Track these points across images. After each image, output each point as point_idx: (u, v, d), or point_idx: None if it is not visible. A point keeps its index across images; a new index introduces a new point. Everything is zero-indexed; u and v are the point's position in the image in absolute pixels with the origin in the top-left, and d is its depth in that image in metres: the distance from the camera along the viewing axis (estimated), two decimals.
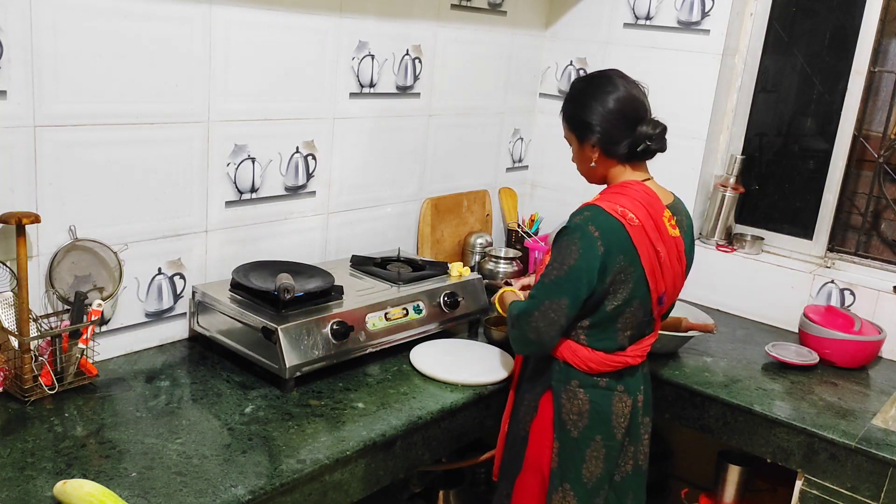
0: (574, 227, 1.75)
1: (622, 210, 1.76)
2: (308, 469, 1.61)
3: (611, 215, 1.75)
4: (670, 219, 1.84)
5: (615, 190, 1.84)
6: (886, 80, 2.62)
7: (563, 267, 1.75)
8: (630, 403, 1.88)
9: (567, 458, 1.85)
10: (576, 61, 3.06)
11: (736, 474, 2.55)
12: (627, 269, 1.76)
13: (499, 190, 3.11)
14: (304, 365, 1.92)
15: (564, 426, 1.85)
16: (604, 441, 1.85)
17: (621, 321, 1.82)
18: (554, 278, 1.76)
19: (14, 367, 1.76)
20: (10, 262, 1.75)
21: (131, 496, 1.46)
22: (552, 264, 1.78)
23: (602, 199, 1.80)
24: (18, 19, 1.67)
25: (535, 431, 1.89)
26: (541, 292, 1.79)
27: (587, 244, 1.73)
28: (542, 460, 1.88)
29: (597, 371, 1.83)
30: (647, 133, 1.81)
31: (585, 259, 1.73)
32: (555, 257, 1.78)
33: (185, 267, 2.12)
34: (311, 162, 2.37)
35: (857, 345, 2.37)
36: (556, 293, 1.76)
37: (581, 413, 1.84)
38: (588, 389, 1.84)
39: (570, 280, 1.74)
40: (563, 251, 1.75)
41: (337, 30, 2.33)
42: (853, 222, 2.74)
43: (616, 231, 1.74)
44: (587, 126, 1.82)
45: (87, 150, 1.85)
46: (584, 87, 1.87)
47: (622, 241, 1.74)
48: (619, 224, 1.74)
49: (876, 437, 1.97)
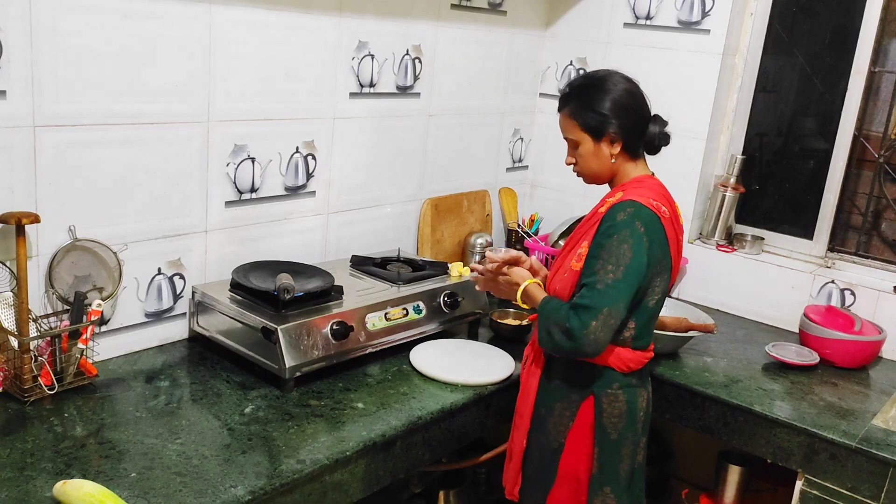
0: (622, 223, 1.70)
1: (656, 203, 1.75)
2: (308, 469, 1.61)
3: (649, 209, 1.73)
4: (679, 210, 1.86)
5: (635, 185, 1.80)
6: (886, 80, 2.62)
7: (619, 269, 1.68)
8: (646, 397, 1.89)
9: (607, 461, 1.82)
10: (576, 61, 3.06)
11: (736, 474, 2.54)
12: (663, 262, 1.76)
13: (499, 190, 3.11)
14: (304, 365, 1.92)
15: (605, 430, 1.81)
16: (632, 438, 1.85)
17: (657, 315, 1.83)
18: (611, 282, 1.68)
19: (14, 367, 1.76)
20: (9, 262, 1.75)
21: (131, 496, 1.46)
22: (604, 266, 1.69)
23: (632, 195, 1.75)
24: (18, 19, 1.67)
25: (572, 440, 1.83)
26: (598, 299, 1.68)
27: (637, 241, 1.69)
28: (580, 468, 1.83)
29: (633, 370, 1.82)
30: (659, 129, 1.83)
31: (638, 258, 1.69)
32: (605, 258, 1.69)
33: (184, 267, 2.12)
34: (311, 162, 2.37)
35: (858, 345, 2.36)
36: (615, 298, 1.68)
37: (621, 415, 1.81)
38: (625, 390, 1.82)
39: (627, 282, 1.68)
40: (615, 251, 1.68)
41: (337, 30, 2.33)
42: (853, 222, 2.74)
43: (656, 225, 1.73)
44: (605, 119, 1.78)
45: (88, 150, 1.85)
46: (590, 83, 1.83)
47: (660, 235, 1.74)
48: (657, 217, 1.73)
49: (876, 438, 1.96)
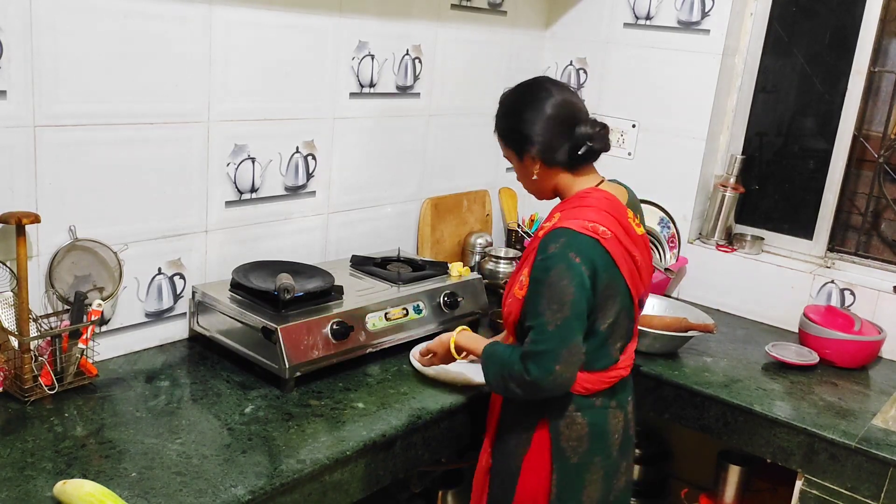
0: (555, 257, 1.63)
1: (592, 225, 1.66)
2: (308, 469, 1.61)
3: (584, 235, 1.64)
4: (633, 218, 1.77)
5: (575, 203, 1.73)
6: (886, 80, 2.62)
7: (564, 307, 1.62)
8: (622, 417, 1.82)
9: (567, 485, 1.76)
10: (576, 61, 3.06)
11: (736, 474, 2.55)
12: (612, 284, 1.68)
13: (499, 190, 3.11)
14: (304, 365, 1.92)
15: (563, 453, 1.76)
16: (602, 462, 1.78)
17: (613, 337, 1.75)
18: (562, 322, 1.62)
19: (14, 367, 1.76)
20: (10, 262, 1.75)
21: (131, 496, 1.46)
22: (549, 306, 1.63)
23: (568, 219, 1.68)
24: (18, 19, 1.67)
25: (529, 463, 1.77)
26: (554, 342, 1.63)
27: (575, 273, 1.62)
28: (538, 490, 1.77)
29: (593, 391, 1.75)
30: (587, 133, 1.72)
31: (580, 289, 1.63)
32: (548, 296, 1.64)
33: (185, 267, 2.12)
34: (311, 162, 2.37)
35: (857, 345, 2.37)
36: (569, 336, 1.63)
37: (581, 437, 1.76)
38: (585, 412, 1.75)
39: (577, 316, 1.63)
40: (555, 288, 1.63)
41: (337, 30, 2.33)
42: (853, 222, 2.74)
43: (594, 250, 1.65)
44: (524, 138, 1.74)
45: (87, 150, 1.85)
46: (515, 99, 1.79)
47: (601, 258, 1.66)
48: (594, 241, 1.65)
49: (876, 437, 1.96)
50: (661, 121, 2.89)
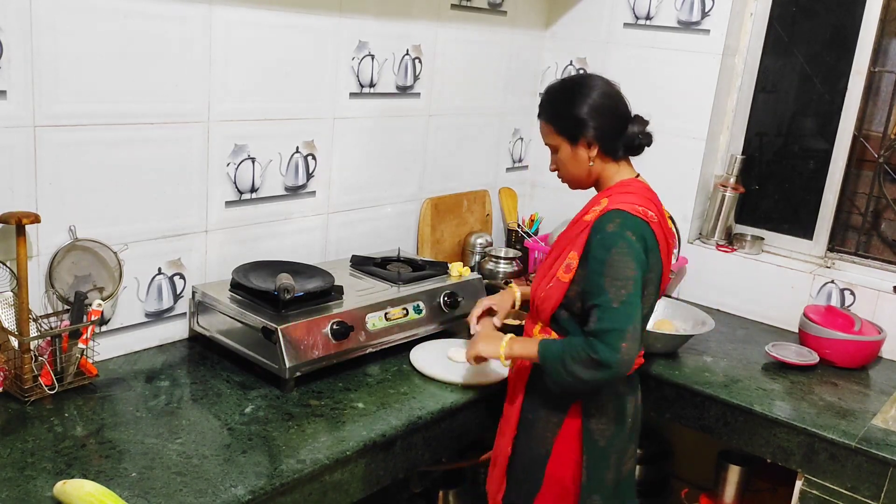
0: (615, 235, 1.67)
1: (642, 209, 1.72)
2: (308, 469, 1.61)
3: (637, 217, 1.70)
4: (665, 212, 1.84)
5: (620, 190, 1.78)
6: (886, 80, 2.62)
7: (627, 283, 1.65)
8: (634, 403, 1.88)
9: (595, 468, 1.81)
10: (576, 61, 3.06)
11: (736, 474, 2.55)
12: (656, 267, 1.75)
13: (499, 190, 3.11)
14: (304, 365, 1.92)
15: (592, 437, 1.80)
16: (619, 445, 1.84)
17: (646, 320, 1.81)
18: (625, 298, 1.64)
19: (14, 367, 1.76)
20: (10, 262, 1.75)
21: (131, 496, 1.46)
22: (613, 283, 1.65)
23: (619, 202, 1.72)
24: (18, 19, 1.67)
25: (560, 446, 1.81)
26: (620, 319, 1.64)
27: (634, 252, 1.67)
28: (566, 474, 1.82)
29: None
30: (640, 129, 1.80)
31: (639, 267, 1.67)
32: (610, 275, 1.65)
33: (185, 267, 2.12)
34: (311, 162, 2.37)
35: (857, 345, 2.36)
36: (634, 314, 1.65)
37: (608, 421, 1.80)
38: (613, 397, 1.81)
39: (638, 294, 1.66)
40: (617, 266, 1.65)
41: (337, 30, 2.33)
42: (853, 222, 2.74)
43: (645, 231, 1.71)
44: (579, 123, 1.76)
45: (87, 150, 1.85)
46: (565, 87, 1.82)
47: (651, 240, 1.72)
48: (646, 224, 1.71)
49: (876, 437, 1.96)
50: (660, 121, 2.86)
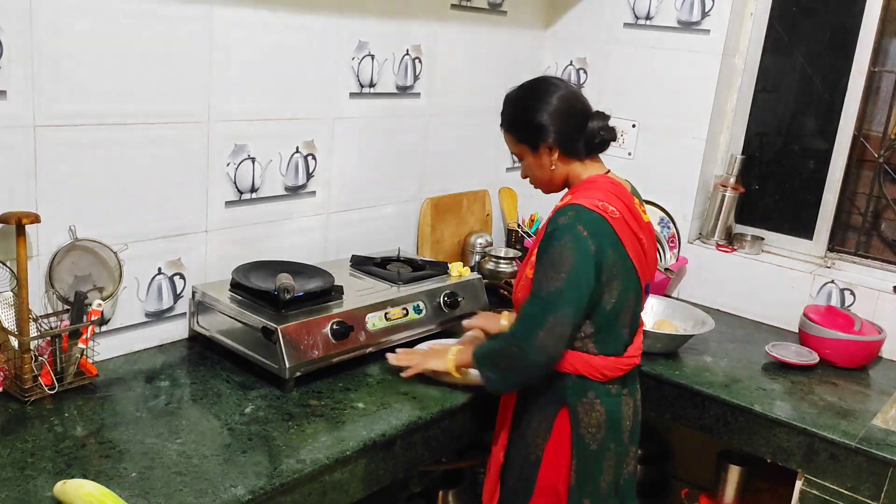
0: (563, 228, 1.68)
1: (602, 204, 1.71)
2: (308, 469, 1.61)
3: (593, 211, 1.70)
4: (639, 205, 1.83)
5: (584, 187, 1.79)
6: (886, 79, 2.62)
7: (559, 275, 1.66)
8: (632, 405, 1.87)
9: (586, 472, 1.81)
10: (576, 61, 3.06)
11: (736, 474, 2.55)
12: (617, 263, 1.72)
13: (499, 190, 3.11)
14: (304, 365, 1.92)
15: (583, 440, 1.79)
16: (616, 448, 1.83)
17: (621, 319, 1.79)
18: (553, 289, 1.67)
19: (14, 367, 1.76)
20: (10, 262, 1.75)
21: (131, 496, 1.46)
22: (546, 273, 1.68)
23: (578, 197, 1.74)
24: (18, 19, 1.67)
25: (550, 452, 1.82)
26: (540, 308, 1.68)
27: (579, 245, 1.67)
28: (558, 480, 1.82)
29: (610, 378, 1.80)
30: (600, 125, 1.79)
31: (582, 262, 1.67)
32: (547, 266, 1.68)
33: (185, 267, 2.12)
34: (311, 162, 2.37)
35: (858, 345, 2.36)
36: (558, 306, 1.66)
37: (599, 424, 1.79)
38: (603, 399, 1.80)
39: (571, 287, 1.66)
40: (556, 258, 1.67)
41: (337, 30, 2.33)
42: (853, 222, 2.74)
43: (601, 226, 1.70)
44: (539, 129, 1.77)
45: (87, 150, 1.85)
46: (523, 94, 1.83)
47: (609, 236, 1.70)
48: (602, 218, 1.70)
49: (876, 437, 1.96)
50: (661, 121, 2.89)
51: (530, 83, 1.84)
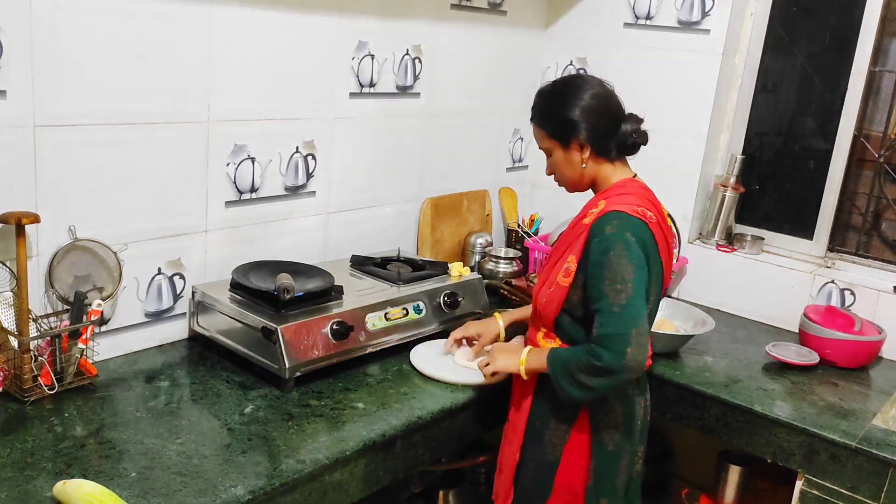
0: (613, 238, 1.66)
1: (641, 210, 1.71)
2: (308, 469, 1.61)
3: (636, 218, 1.69)
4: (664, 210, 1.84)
5: (619, 191, 1.76)
6: (887, 79, 2.62)
7: (627, 286, 1.63)
8: (643, 405, 1.88)
9: (604, 473, 1.80)
10: (576, 61, 3.06)
11: (736, 474, 2.54)
12: (655, 267, 1.73)
13: (499, 190, 3.11)
14: (304, 365, 1.92)
15: (601, 442, 1.79)
16: (630, 447, 1.83)
17: (651, 322, 1.79)
18: (626, 301, 1.63)
19: (14, 367, 1.76)
20: (9, 262, 1.75)
21: (131, 496, 1.46)
22: (611, 287, 1.63)
23: (617, 203, 1.72)
24: (18, 19, 1.67)
25: (569, 453, 1.81)
26: (621, 325, 1.62)
27: (633, 253, 1.65)
28: (575, 481, 1.81)
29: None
30: (633, 127, 1.78)
31: (639, 268, 1.65)
32: (609, 279, 1.64)
33: (184, 267, 2.12)
34: (311, 162, 2.37)
35: (858, 345, 2.36)
36: (636, 316, 1.63)
37: (617, 426, 1.79)
38: (621, 400, 1.80)
39: (640, 295, 1.65)
40: (616, 268, 1.64)
41: (337, 30, 2.33)
42: (853, 222, 2.74)
43: (644, 232, 1.69)
44: (571, 125, 1.75)
45: (88, 150, 1.85)
46: (558, 89, 1.81)
47: (650, 241, 1.71)
48: (644, 224, 1.70)
49: (876, 438, 1.96)
50: (660, 121, 2.87)
51: (565, 79, 1.84)
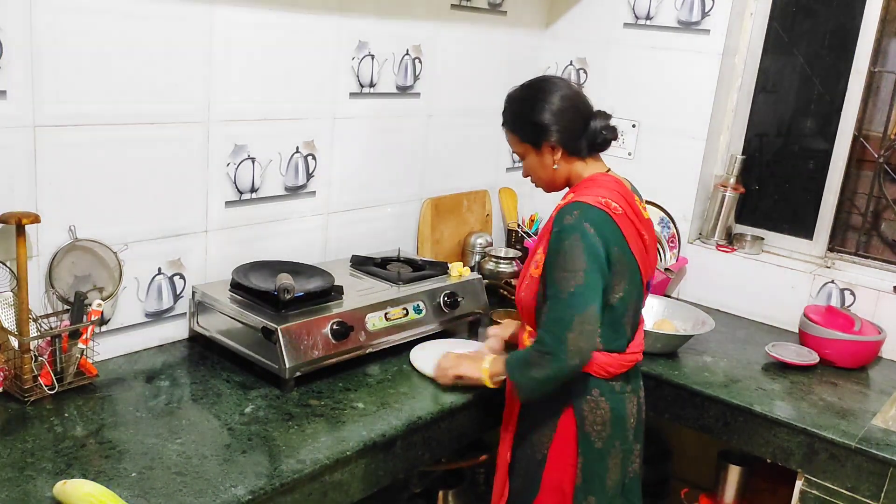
0: (570, 228, 1.68)
1: (605, 200, 1.72)
2: (308, 469, 1.61)
3: (597, 208, 1.70)
4: (640, 202, 1.84)
5: (587, 185, 1.79)
6: (886, 79, 2.62)
7: (576, 274, 1.66)
8: (636, 402, 1.87)
9: (591, 470, 1.80)
10: (576, 61, 3.06)
11: (736, 474, 2.54)
12: (622, 259, 1.73)
13: (499, 190, 3.11)
14: (304, 365, 1.92)
15: (588, 438, 1.79)
16: (621, 445, 1.83)
17: (625, 316, 1.79)
18: (574, 289, 1.66)
19: (14, 367, 1.76)
20: (9, 262, 1.75)
21: (131, 496, 1.46)
22: (562, 274, 1.67)
23: (581, 195, 1.74)
24: (18, 19, 1.67)
25: (555, 451, 1.81)
26: (565, 310, 1.66)
27: (589, 242, 1.67)
28: (564, 479, 1.81)
29: (613, 375, 1.79)
30: (602, 124, 1.80)
31: (594, 259, 1.67)
32: (561, 266, 1.68)
33: (184, 267, 2.12)
34: (311, 162, 2.37)
35: (857, 345, 2.36)
36: (582, 304, 1.66)
37: (604, 422, 1.79)
38: (607, 396, 1.79)
39: (590, 285, 1.66)
40: (568, 257, 1.67)
41: (337, 30, 2.33)
42: (853, 222, 2.74)
43: (606, 223, 1.70)
44: (542, 128, 1.77)
45: (87, 150, 1.85)
46: (526, 93, 1.82)
47: (613, 232, 1.71)
48: (607, 215, 1.71)
49: (876, 438, 1.96)
50: (661, 121, 2.89)
51: (532, 82, 1.84)
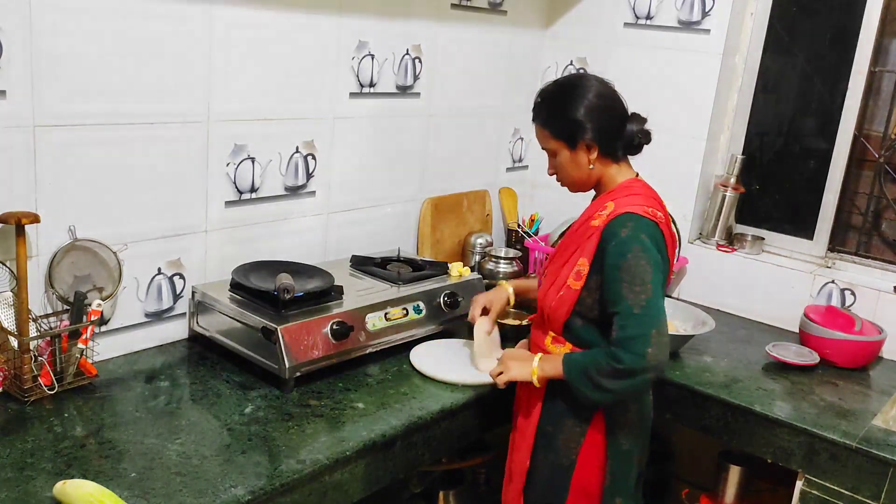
0: (629, 240, 1.66)
1: (651, 210, 1.71)
2: (308, 469, 1.61)
3: (648, 219, 1.69)
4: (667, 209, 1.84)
5: (625, 192, 1.76)
6: (887, 79, 2.62)
7: (646, 286, 1.64)
8: (650, 403, 1.89)
9: (619, 472, 1.81)
10: (576, 61, 3.05)
11: (736, 474, 2.54)
12: (666, 268, 1.73)
13: (499, 190, 3.11)
14: (304, 365, 1.92)
15: (617, 441, 1.79)
16: (642, 443, 1.84)
17: None
18: (646, 303, 1.63)
19: (14, 367, 1.76)
20: (9, 262, 1.75)
21: (131, 496, 1.46)
22: (630, 289, 1.64)
23: (627, 205, 1.72)
24: (18, 19, 1.67)
25: (585, 455, 1.80)
26: (642, 324, 1.63)
27: (650, 254, 1.66)
28: (592, 482, 1.81)
29: None
30: (637, 127, 1.78)
31: (657, 268, 1.66)
32: (628, 280, 1.65)
33: (184, 267, 2.12)
34: (311, 162, 2.37)
35: (858, 345, 2.36)
36: (656, 316, 1.64)
37: (631, 424, 1.80)
38: (635, 399, 1.80)
39: (659, 296, 1.66)
40: (635, 270, 1.65)
41: (337, 30, 2.33)
42: (854, 222, 2.74)
43: (656, 233, 1.70)
44: (577, 125, 1.73)
45: (87, 150, 1.85)
46: (560, 89, 1.79)
47: (661, 242, 1.71)
48: (655, 224, 1.71)
49: (876, 438, 1.96)
50: (660, 121, 2.87)
51: (568, 78, 1.82)
